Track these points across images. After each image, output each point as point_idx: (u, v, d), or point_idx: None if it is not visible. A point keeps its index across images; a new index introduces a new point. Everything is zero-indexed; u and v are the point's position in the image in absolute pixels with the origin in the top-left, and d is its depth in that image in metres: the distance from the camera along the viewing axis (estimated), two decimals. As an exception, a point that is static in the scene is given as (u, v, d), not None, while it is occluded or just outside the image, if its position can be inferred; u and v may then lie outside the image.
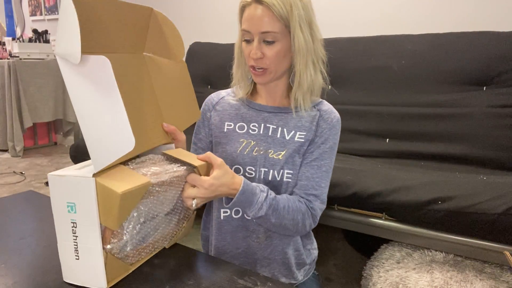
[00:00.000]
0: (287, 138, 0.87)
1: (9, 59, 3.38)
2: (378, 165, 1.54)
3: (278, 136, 0.87)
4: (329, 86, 0.94)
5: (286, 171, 0.85)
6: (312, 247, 0.98)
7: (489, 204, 1.05)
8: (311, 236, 0.99)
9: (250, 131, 0.89)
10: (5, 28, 3.80)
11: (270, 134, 0.88)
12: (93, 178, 0.56)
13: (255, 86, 0.93)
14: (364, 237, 1.32)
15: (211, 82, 2.38)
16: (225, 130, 0.90)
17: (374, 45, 1.89)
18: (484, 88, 1.64)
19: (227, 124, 0.91)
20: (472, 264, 1.11)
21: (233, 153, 0.87)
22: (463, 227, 1.09)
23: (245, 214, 0.85)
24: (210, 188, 0.71)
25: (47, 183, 0.60)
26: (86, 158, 0.60)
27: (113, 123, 0.59)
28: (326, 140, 0.86)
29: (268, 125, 0.88)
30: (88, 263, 0.60)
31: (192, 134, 0.96)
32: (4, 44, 3.67)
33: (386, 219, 1.22)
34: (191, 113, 0.84)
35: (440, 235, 1.13)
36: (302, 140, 0.86)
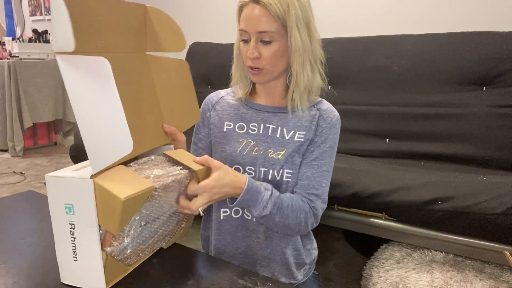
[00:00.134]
0: (287, 138, 0.87)
1: (9, 59, 3.38)
2: (378, 165, 1.54)
3: (278, 136, 0.87)
4: (329, 87, 0.94)
5: (286, 171, 0.85)
6: (312, 247, 0.98)
7: (489, 204, 1.05)
8: (311, 236, 0.99)
9: (250, 131, 0.89)
10: (5, 28, 3.80)
11: (270, 134, 0.88)
12: (91, 180, 0.56)
13: (254, 86, 0.93)
14: (364, 237, 1.32)
15: (211, 82, 2.38)
16: (225, 130, 0.90)
17: (374, 45, 1.89)
18: (484, 88, 1.64)
19: (227, 124, 0.91)
20: (472, 264, 1.11)
21: (233, 153, 0.87)
22: (463, 227, 1.09)
23: (250, 214, 0.84)
24: (212, 191, 0.71)
25: (46, 183, 0.60)
26: (86, 158, 0.59)
27: (111, 125, 0.58)
28: (326, 140, 0.86)
29: (268, 125, 0.88)
30: (87, 265, 0.60)
31: (192, 134, 0.96)
32: (4, 44, 3.67)
33: (386, 219, 1.22)
34: (192, 115, 0.84)
35: (440, 235, 1.13)
36: (302, 140, 0.86)
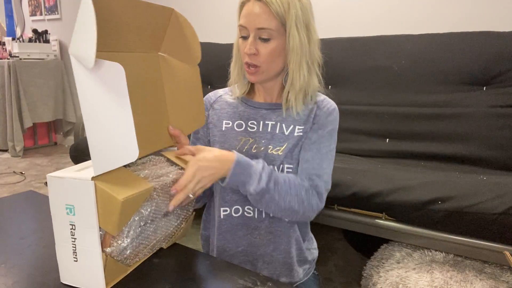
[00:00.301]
0: (286, 134, 0.87)
1: (9, 59, 3.38)
2: (378, 165, 1.54)
3: (278, 132, 0.87)
4: (329, 87, 0.94)
5: (286, 166, 0.86)
6: (312, 247, 0.98)
7: (489, 204, 1.05)
8: (311, 236, 0.99)
9: (249, 129, 0.89)
10: (5, 28, 3.80)
11: (270, 130, 0.88)
12: (93, 182, 0.55)
13: (252, 85, 0.93)
14: (364, 237, 1.32)
15: (211, 82, 2.38)
16: (223, 129, 0.91)
17: (374, 45, 1.89)
18: (484, 88, 1.64)
19: (225, 123, 0.91)
20: (472, 264, 1.11)
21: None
22: (463, 227, 1.09)
23: (247, 191, 0.79)
24: (199, 164, 0.70)
25: (47, 183, 0.60)
26: (86, 158, 0.60)
27: (119, 131, 0.58)
28: (324, 125, 0.86)
29: (267, 122, 0.88)
30: (87, 265, 0.60)
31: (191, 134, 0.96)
32: (4, 44, 3.68)
33: (386, 219, 1.22)
34: (197, 119, 0.83)
35: (440, 235, 1.13)
36: (301, 134, 0.86)
